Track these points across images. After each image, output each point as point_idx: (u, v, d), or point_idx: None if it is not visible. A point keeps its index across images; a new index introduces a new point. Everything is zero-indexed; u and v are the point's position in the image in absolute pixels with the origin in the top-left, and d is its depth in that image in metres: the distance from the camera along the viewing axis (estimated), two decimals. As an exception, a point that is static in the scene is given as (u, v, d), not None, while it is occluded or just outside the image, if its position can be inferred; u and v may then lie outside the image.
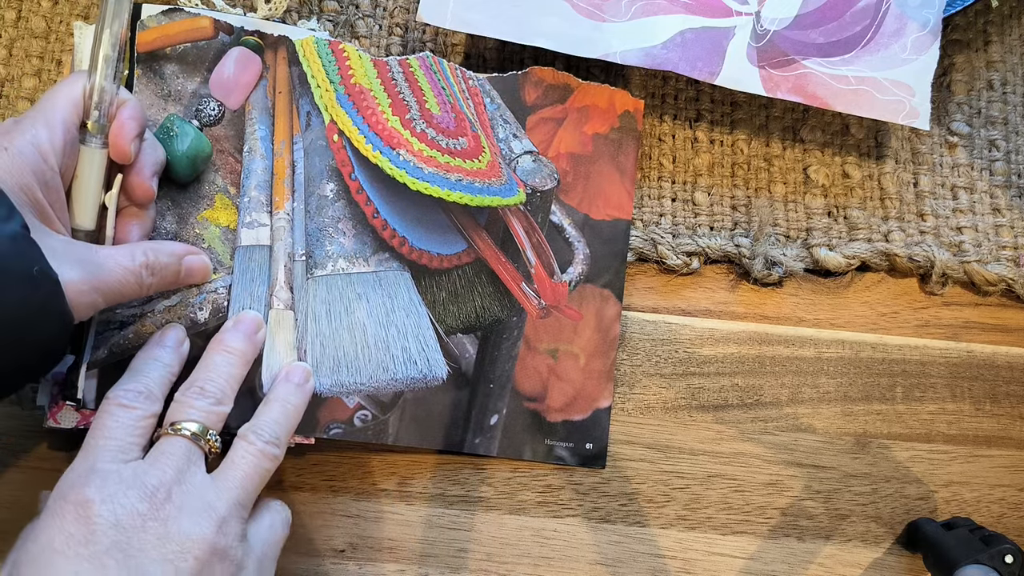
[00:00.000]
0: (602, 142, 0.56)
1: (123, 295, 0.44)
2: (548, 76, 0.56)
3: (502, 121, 0.55)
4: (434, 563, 0.52)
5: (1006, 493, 0.55)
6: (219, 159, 0.52)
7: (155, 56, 0.52)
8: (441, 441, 0.52)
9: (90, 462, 0.40)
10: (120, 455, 0.41)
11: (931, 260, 0.57)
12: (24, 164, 0.41)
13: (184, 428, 0.43)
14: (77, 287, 0.40)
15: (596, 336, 0.54)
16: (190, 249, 0.48)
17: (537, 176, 0.55)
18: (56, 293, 0.39)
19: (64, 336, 0.41)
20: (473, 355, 0.53)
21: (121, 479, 0.40)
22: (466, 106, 0.55)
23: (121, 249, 0.44)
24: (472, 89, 0.55)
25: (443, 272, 0.53)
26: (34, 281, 0.38)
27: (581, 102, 0.56)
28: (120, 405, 0.43)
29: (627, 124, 0.56)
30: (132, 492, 0.39)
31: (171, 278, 0.47)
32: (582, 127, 0.56)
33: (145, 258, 0.44)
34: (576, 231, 0.55)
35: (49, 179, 0.43)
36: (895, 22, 0.56)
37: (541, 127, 0.56)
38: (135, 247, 0.45)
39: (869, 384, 0.56)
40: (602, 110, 0.56)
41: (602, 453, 0.53)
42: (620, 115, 0.56)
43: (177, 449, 0.42)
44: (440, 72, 0.55)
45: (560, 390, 0.53)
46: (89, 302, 0.41)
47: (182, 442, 0.42)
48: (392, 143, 0.53)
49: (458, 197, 0.53)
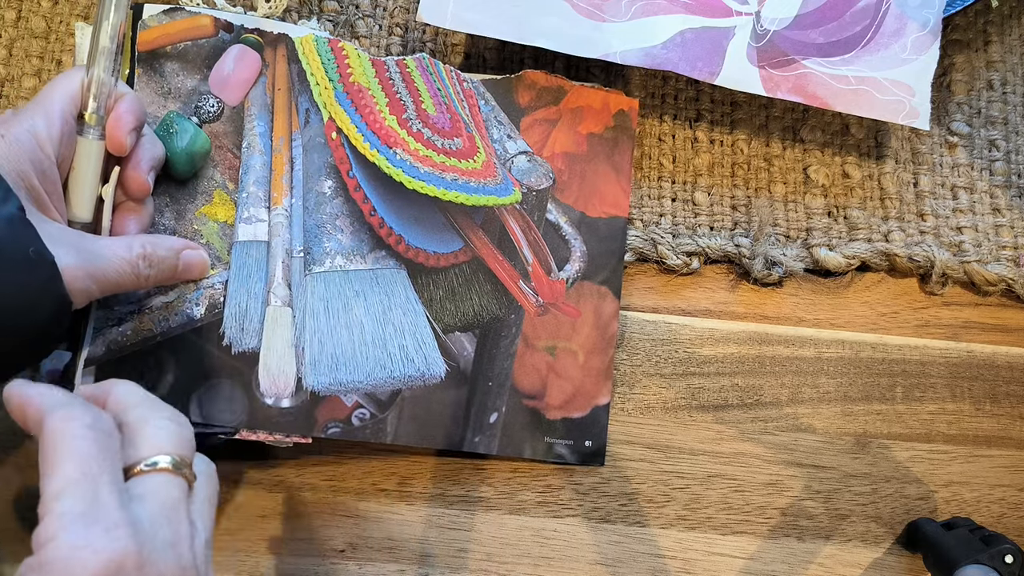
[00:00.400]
0: (597, 141, 0.56)
1: (119, 286, 0.44)
2: (541, 79, 0.56)
3: (496, 122, 0.55)
4: (434, 563, 0.52)
5: (1006, 493, 0.55)
6: (218, 155, 0.52)
7: (155, 54, 0.52)
8: (440, 440, 0.52)
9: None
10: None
11: (931, 260, 0.57)
12: (21, 152, 0.42)
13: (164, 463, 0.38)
14: (72, 272, 0.40)
15: (594, 333, 0.54)
16: (188, 244, 0.48)
17: (532, 175, 0.55)
18: (53, 276, 0.39)
19: (62, 320, 0.41)
20: (471, 353, 0.52)
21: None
22: (461, 107, 0.55)
23: (119, 240, 0.45)
24: (467, 91, 0.55)
25: (440, 270, 0.53)
26: (30, 262, 0.38)
27: (575, 103, 0.56)
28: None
29: (621, 123, 0.56)
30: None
31: (168, 272, 0.47)
32: (576, 127, 0.56)
33: (143, 249, 0.44)
34: (573, 229, 0.55)
35: (46, 168, 0.43)
36: (895, 22, 0.56)
37: (535, 128, 0.56)
38: (133, 239, 0.45)
39: (869, 384, 0.56)
40: (596, 110, 0.56)
41: (601, 450, 0.53)
42: (614, 114, 0.56)
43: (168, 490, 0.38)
44: (436, 73, 0.55)
45: (559, 388, 0.53)
46: (83, 288, 0.41)
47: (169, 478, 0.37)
48: (389, 142, 0.53)
49: (454, 196, 0.53)
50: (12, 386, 0.36)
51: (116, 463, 0.34)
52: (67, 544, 0.31)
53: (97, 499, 0.32)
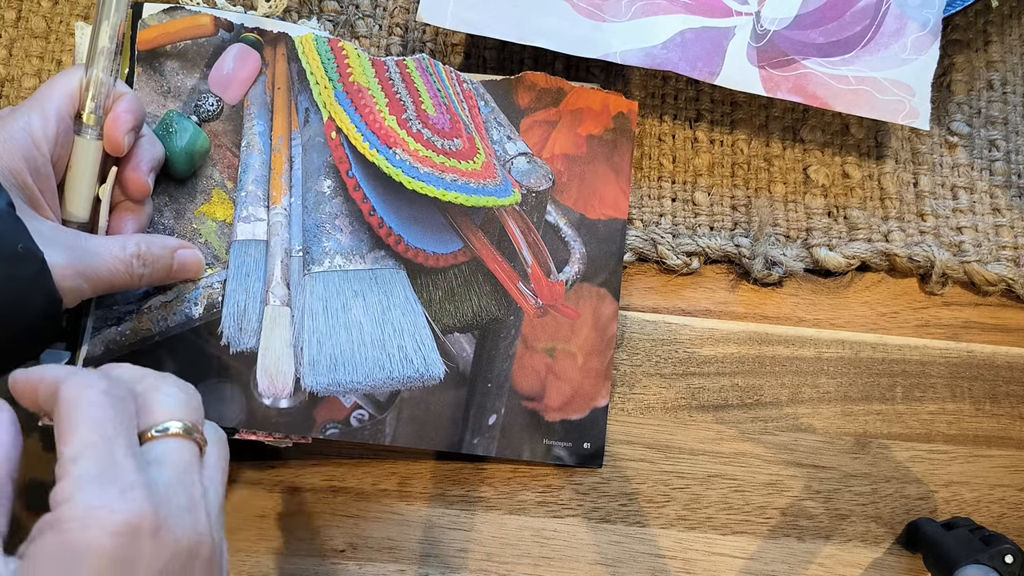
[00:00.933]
0: (596, 143, 0.56)
1: (113, 285, 0.43)
2: (541, 80, 0.56)
3: (496, 124, 0.55)
4: (434, 563, 0.52)
5: (1006, 493, 0.55)
6: (217, 154, 0.52)
7: (155, 53, 0.52)
8: (439, 441, 0.52)
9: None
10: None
11: (931, 260, 0.57)
12: (15, 148, 0.42)
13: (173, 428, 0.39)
14: (62, 270, 0.40)
15: (593, 335, 0.54)
16: (183, 243, 0.48)
17: (532, 177, 0.55)
18: (43, 272, 0.39)
19: (53, 319, 0.40)
20: (471, 354, 0.52)
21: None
22: (461, 108, 0.55)
23: (113, 239, 0.44)
24: (467, 92, 0.55)
25: (439, 271, 0.53)
26: (18, 258, 0.38)
27: (574, 105, 0.56)
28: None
29: (621, 125, 0.56)
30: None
31: (163, 271, 0.46)
32: (576, 129, 0.56)
33: (137, 248, 0.44)
34: (572, 231, 0.55)
35: (40, 165, 0.43)
36: (895, 22, 0.56)
37: (535, 129, 0.56)
38: (127, 238, 0.45)
39: (869, 384, 0.56)
40: (596, 112, 0.56)
41: (599, 452, 0.53)
42: (614, 116, 0.56)
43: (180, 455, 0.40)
44: (436, 74, 0.55)
45: (558, 389, 0.53)
46: (74, 287, 0.41)
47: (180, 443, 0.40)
48: (389, 142, 0.53)
49: (453, 197, 0.53)
50: (16, 373, 0.36)
51: (132, 428, 0.35)
52: (83, 504, 0.31)
53: (113, 461, 0.33)
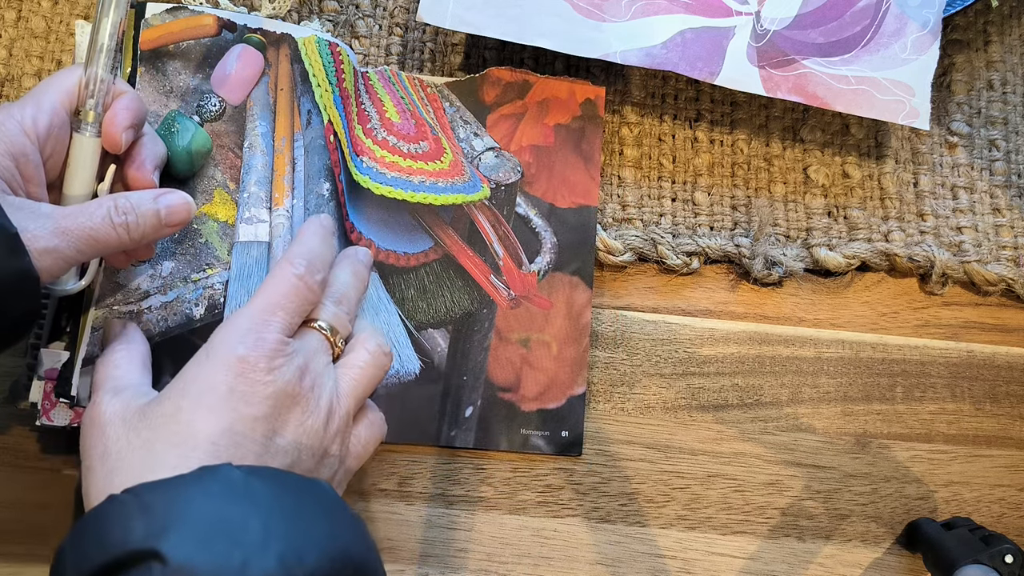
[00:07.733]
0: (564, 132, 0.56)
1: (95, 240, 0.42)
2: (506, 75, 0.57)
3: (462, 122, 0.56)
4: (434, 563, 0.52)
5: (1006, 493, 0.55)
6: (219, 154, 0.52)
7: (158, 53, 0.52)
8: (417, 435, 0.52)
9: (258, 326, 0.43)
10: (287, 330, 0.43)
11: (931, 260, 0.57)
12: (2, 135, 0.42)
13: (322, 325, 0.46)
14: (34, 233, 0.39)
15: (567, 323, 0.54)
16: (164, 189, 0.46)
17: (500, 171, 0.55)
18: (15, 249, 0.38)
19: (29, 299, 0.40)
20: (445, 349, 0.53)
21: (285, 355, 0.42)
22: (425, 111, 0.56)
23: (91, 200, 0.44)
24: (430, 96, 0.56)
25: (410, 270, 0.54)
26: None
27: (540, 95, 0.57)
28: (307, 286, 0.45)
29: (588, 112, 0.57)
30: (290, 371, 0.42)
31: (150, 219, 0.44)
32: (543, 119, 0.56)
33: (113, 202, 0.43)
34: (542, 221, 0.55)
35: (28, 151, 0.42)
36: (895, 22, 0.56)
37: (502, 123, 0.56)
38: (105, 196, 0.44)
39: (869, 384, 0.56)
40: (562, 101, 0.57)
41: (578, 440, 0.53)
42: (581, 104, 0.57)
43: (316, 342, 0.45)
44: (398, 83, 0.56)
45: (533, 379, 0.53)
46: (48, 247, 0.40)
47: (320, 336, 0.45)
48: (357, 150, 0.54)
49: (422, 198, 0.54)
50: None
51: (299, 310, 0.44)
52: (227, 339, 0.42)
53: (266, 322, 0.43)
